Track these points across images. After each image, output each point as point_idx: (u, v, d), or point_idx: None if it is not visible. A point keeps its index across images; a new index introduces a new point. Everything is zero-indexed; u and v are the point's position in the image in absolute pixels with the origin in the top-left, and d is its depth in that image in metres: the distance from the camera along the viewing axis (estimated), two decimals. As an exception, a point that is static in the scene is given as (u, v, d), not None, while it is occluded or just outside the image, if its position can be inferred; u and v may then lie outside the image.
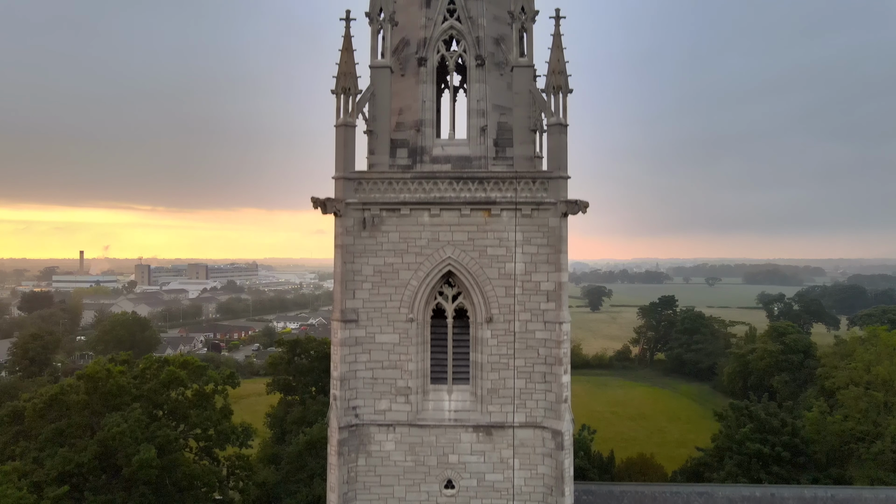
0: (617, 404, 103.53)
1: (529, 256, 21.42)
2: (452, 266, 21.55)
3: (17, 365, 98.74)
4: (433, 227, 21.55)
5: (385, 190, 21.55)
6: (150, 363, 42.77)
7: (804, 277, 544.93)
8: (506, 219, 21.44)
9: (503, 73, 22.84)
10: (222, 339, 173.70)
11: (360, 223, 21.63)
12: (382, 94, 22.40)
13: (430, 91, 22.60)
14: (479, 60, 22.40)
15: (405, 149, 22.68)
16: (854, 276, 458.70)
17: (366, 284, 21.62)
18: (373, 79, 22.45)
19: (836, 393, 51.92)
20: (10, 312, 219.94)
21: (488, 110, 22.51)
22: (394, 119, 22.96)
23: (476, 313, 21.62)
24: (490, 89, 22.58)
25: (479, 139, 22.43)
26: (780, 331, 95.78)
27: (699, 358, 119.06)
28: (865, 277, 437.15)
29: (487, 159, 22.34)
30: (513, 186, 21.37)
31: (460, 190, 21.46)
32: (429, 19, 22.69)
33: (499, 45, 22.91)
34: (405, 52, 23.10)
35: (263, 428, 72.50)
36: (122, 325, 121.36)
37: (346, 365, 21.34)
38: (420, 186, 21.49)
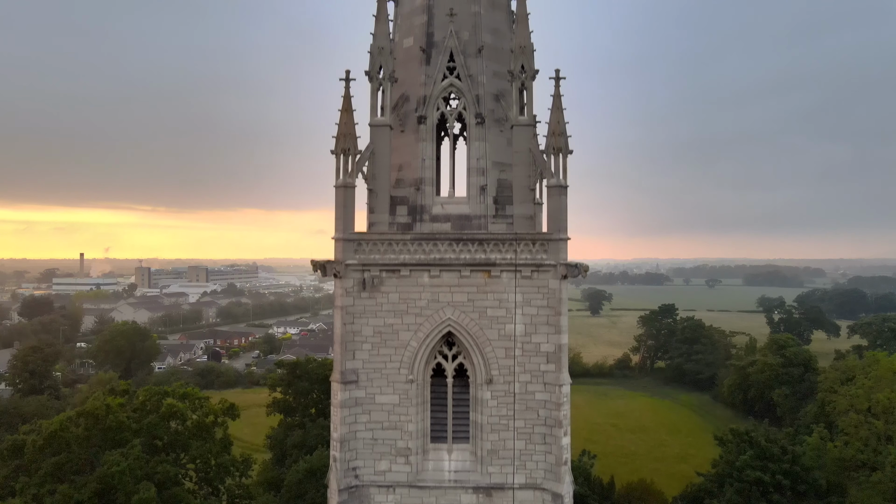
0: (617, 416, 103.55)
1: (529, 318, 21.39)
2: (452, 327, 21.52)
3: (17, 378, 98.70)
4: (433, 287, 21.53)
5: (385, 251, 21.53)
6: (151, 395, 42.77)
7: (804, 279, 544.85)
8: (506, 280, 21.41)
9: (503, 130, 22.81)
10: (223, 346, 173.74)
11: (360, 284, 21.60)
12: (382, 153, 22.39)
13: (429, 149, 22.58)
14: (479, 119, 22.38)
15: (405, 206, 22.66)
16: (854, 279, 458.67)
17: (366, 345, 21.60)
18: (372, 137, 22.43)
19: (836, 417, 51.88)
20: (11, 317, 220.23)
21: (488, 168, 22.48)
22: (393, 175, 22.93)
23: (476, 374, 21.60)
24: (490, 147, 22.56)
25: (479, 198, 22.40)
26: (780, 343, 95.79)
27: (699, 368, 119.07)
28: (866, 279, 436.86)
29: (487, 218, 22.31)
30: (513, 248, 21.34)
31: (460, 251, 21.43)
32: (428, 77, 22.66)
33: (499, 102, 22.88)
34: (405, 108, 23.07)
35: (263, 440, 72.56)
36: (123, 335, 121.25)
37: (345, 426, 21.31)
38: (420, 248, 21.47)
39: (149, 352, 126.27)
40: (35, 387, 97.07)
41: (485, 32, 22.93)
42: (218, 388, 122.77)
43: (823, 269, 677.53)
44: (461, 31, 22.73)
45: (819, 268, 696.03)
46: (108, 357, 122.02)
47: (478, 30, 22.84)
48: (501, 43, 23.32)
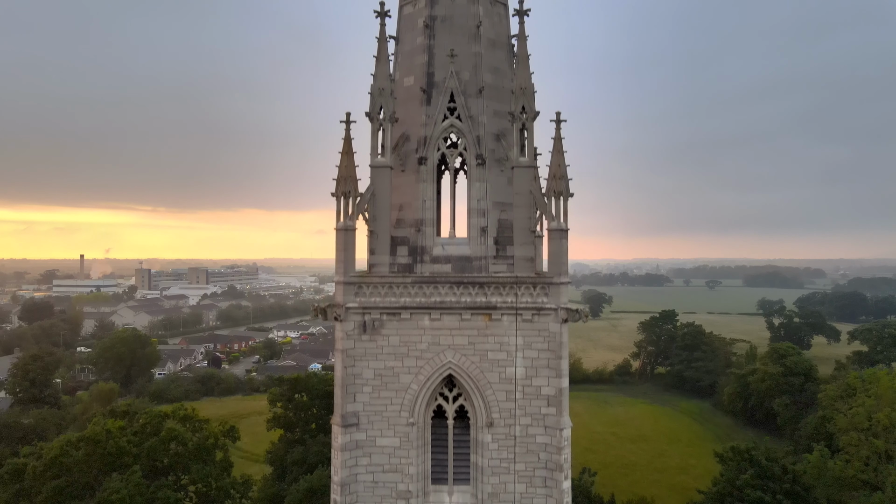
0: (617, 424, 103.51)
1: (530, 361, 21.38)
2: (453, 370, 21.50)
3: (17, 386, 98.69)
4: (434, 330, 21.51)
5: (386, 294, 21.52)
6: (151, 418, 42.75)
7: (804, 280, 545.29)
8: (506, 323, 21.40)
9: (503, 169, 22.73)
10: (223, 351, 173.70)
11: (361, 327, 21.58)
12: (382, 194, 22.35)
13: (430, 190, 22.52)
14: (480, 160, 22.33)
15: (405, 246, 22.59)
16: (854, 280, 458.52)
17: (366, 388, 21.57)
18: (373, 178, 22.40)
19: (837, 435, 51.82)
20: (11, 321, 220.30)
21: (488, 208, 22.42)
22: (394, 214, 22.86)
23: (477, 417, 21.58)
24: (491, 187, 22.49)
25: (480, 239, 22.35)
26: (780, 352, 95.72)
27: (699, 375, 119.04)
28: (866, 281, 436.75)
29: (488, 259, 22.26)
30: (513, 291, 21.34)
31: (461, 294, 21.43)
32: (429, 117, 22.62)
33: (499, 141, 22.82)
34: (405, 148, 23.01)
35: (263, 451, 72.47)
36: (123, 342, 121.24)
37: (346, 469, 21.29)
38: (421, 290, 21.46)
39: (149, 358, 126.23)
40: (35, 396, 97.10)
41: (485, 72, 22.88)
42: (218, 394, 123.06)
43: (823, 270, 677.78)
44: (462, 71, 22.70)
45: (819, 268, 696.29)
46: (108, 364, 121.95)
47: (478, 69, 22.80)
48: (502, 82, 23.27)
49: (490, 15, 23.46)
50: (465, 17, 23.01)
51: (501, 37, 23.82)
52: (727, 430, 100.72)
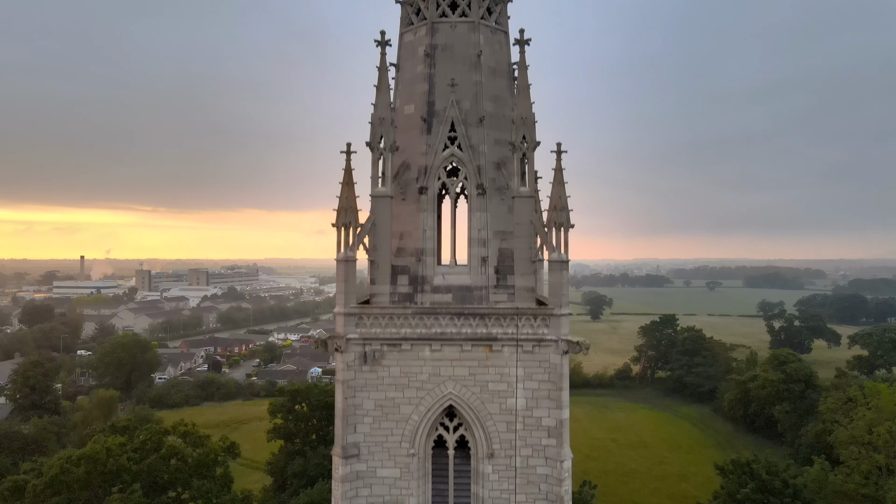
0: (617, 430, 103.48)
1: (531, 392, 21.36)
2: (454, 401, 21.49)
3: (17, 392, 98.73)
4: (434, 361, 21.50)
5: (386, 325, 21.51)
6: (151, 434, 42.74)
7: (805, 281, 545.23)
8: (507, 354, 21.39)
9: (504, 198, 22.70)
10: (223, 354, 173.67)
11: (362, 357, 21.57)
12: (383, 224, 22.33)
13: (430, 220, 22.50)
14: (480, 189, 22.31)
15: (406, 275, 22.58)
16: (854, 281, 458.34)
17: (367, 419, 21.56)
18: (373, 208, 22.40)
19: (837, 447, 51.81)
20: (11, 323, 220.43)
21: (489, 238, 22.41)
22: (394, 242, 22.84)
23: (477, 447, 21.56)
24: (491, 216, 22.48)
25: (481, 269, 22.33)
26: (780, 359, 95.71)
27: (700, 381, 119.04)
28: (866, 282, 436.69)
29: (489, 289, 22.24)
30: (514, 322, 21.33)
31: (462, 325, 21.41)
32: (429, 146, 22.60)
33: (500, 170, 22.79)
34: (406, 176, 22.99)
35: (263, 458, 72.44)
36: (123, 347, 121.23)
37: (347, 501, 21.25)
38: (421, 321, 21.45)
39: (149, 363, 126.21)
40: (36, 402, 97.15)
41: (486, 100, 22.87)
42: (218, 399, 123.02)
43: (824, 271, 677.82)
44: (462, 99, 22.68)
45: (819, 269, 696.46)
46: (108, 369, 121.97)
47: (479, 98, 22.78)
48: (503, 110, 23.27)
49: (491, 43, 23.46)
50: (465, 46, 23.00)
51: (502, 64, 23.82)
52: (727, 437, 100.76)
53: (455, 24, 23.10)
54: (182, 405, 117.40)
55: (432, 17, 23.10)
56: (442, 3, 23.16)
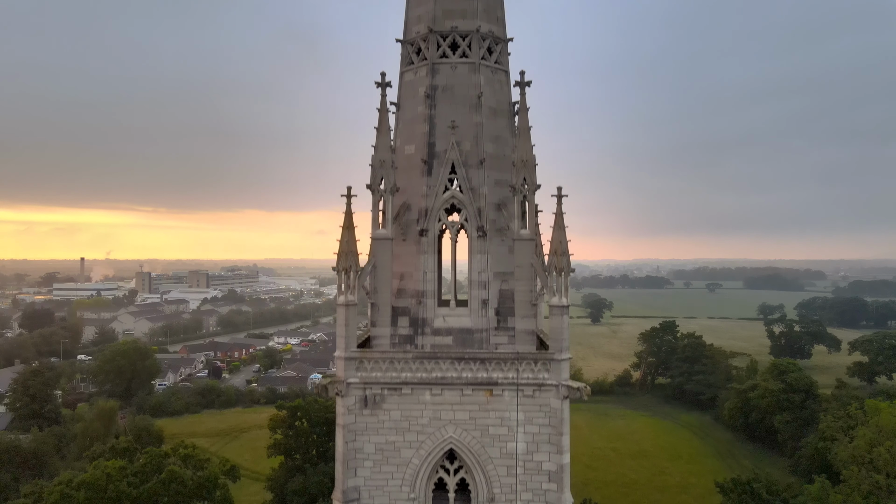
0: (618, 439, 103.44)
1: (531, 436, 21.35)
2: (454, 445, 21.47)
3: (17, 401, 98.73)
4: (435, 405, 21.49)
5: (387, 369, 21.50)
6: (151, 457, 42.72)
7: (805, 282, 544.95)
8: (508, 398, 21.39)
9: (504, 239, 22.68)
10: (223, 359, 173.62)
11: (362, 401, 21.56)
12: (383, 266, 22.35)
13: (431, 262, 22.49)
14: (481, 232, 22.30)
15: (406, 317, 22.57)
16: (855, 283, 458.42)
17: (367, 462, 21.53)
18: (373, 250, 22.43)
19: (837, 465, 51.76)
20: (11, 327, 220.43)
21: (489, 280, 22.40)
22: (395, 283, 22.83)
23: (478, 492, 21.53)
24: (492, 258, 22.46)
25: (481, 311, 22.33)
26: (781, 369, 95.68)
27: (700, 389, 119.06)
28: (866, 284, 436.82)
29: (489, 331, 22.23)
30: (514, 367, 21.33)
31: (462, 370, 21.40)
32: (430, 188, 22.59)
33: (500, 211, 22.76)
34: (406, 217, 22.97)
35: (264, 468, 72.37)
36: (123, 354, 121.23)
37: (348, 545, 21.26)
38: (422, 366, 21.44)
39: (149, 370, 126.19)
40: (36, 411, 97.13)
41: (486, 141, 22.85)
42: (218, 407, 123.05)
43: (824, 272, 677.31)
44: (463, 141, 22.67)
45: (819, 270, 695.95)
46: (108, 377, 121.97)
47: (479, 140, 22.77)
48: (503, 149, 23.25)
49: (491, 83, 23.45)
50: (466, 87, 22.98)
51: (503, 104, 23.81)
52: (728, 446, 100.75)
53: (455, 65, 23.10)
54: (182, 413, 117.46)
55: (433, 57, 23.09)
56: (442, 44, 23.16)
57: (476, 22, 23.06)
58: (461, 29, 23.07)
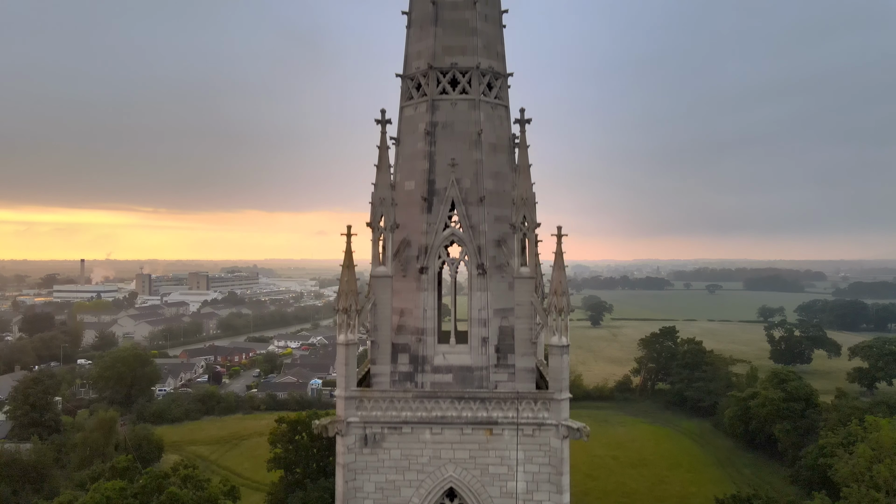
0: (618, 447, 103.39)
1: (531, 475, 21.36)
2: (454, 483, 21.49)
3: (17, 410, 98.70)
4: (435, 444, 21.50)
5: (387, 408, 21.51)
6: (152, 478, 42.72)
7: (805, 283, 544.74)
8: (507, 437, 21.40)
9: (504, 275, 22.65)
10: (223, 364, 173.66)
11: (362, 440, 21.56)
12: (383, 304, 22.35)
13: (431, 300, 22.48)
14: (481, 270, 22.28)
15: (406, 354, 22.56)
16: (855, 284, 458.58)
17: (367, 502, 21.52)
18: (373, 287, 22.44)
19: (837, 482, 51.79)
20: (11, 330, 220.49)
21: (489, 317, 22.39)
22: (395, 319, 22.82)
23: (478, 531, 21.53)
24: (492, 295, 22.45)
25: (481, 349, 22.32)
26: (781, 377, 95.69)
27: (700, 396, 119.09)
28: (866, 285, 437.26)
29: (489, 369, 22.23)
30: (514, 406, 21.34)
31: (462, 409, 21.42)
32: (430, 225, 22.58)
33: (500, 247, 22.74)
34: (406, 253, 22.95)
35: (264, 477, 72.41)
36: (123, 361, 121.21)
37: (347, 585, 21.26)
38: (422, 405, 21.46)
39: (149, 377, 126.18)
40: (36, 420, 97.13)
41: (486, 178, 22.84)
42: (218, 414, 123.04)
43: (824, 272, 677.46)
44: (463, 178, 22.65)
45: (820, 270, 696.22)
46: (108, 383, 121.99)
47: (479, 177, 22.75)
48: (503, 185, 23.24)
49: (491, 119, 23.43)
50: (465, 124, 22.97)
51: (503, 139, 23.80)
52: (728, 454, 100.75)
53: (455, 102, 23.08)
54: (182, 420, 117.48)
55: (432, 94, 23.07)
56: (442, 80, 23.14)
57: (476, 58, 23.05)
58: (461, 65, 23.06)
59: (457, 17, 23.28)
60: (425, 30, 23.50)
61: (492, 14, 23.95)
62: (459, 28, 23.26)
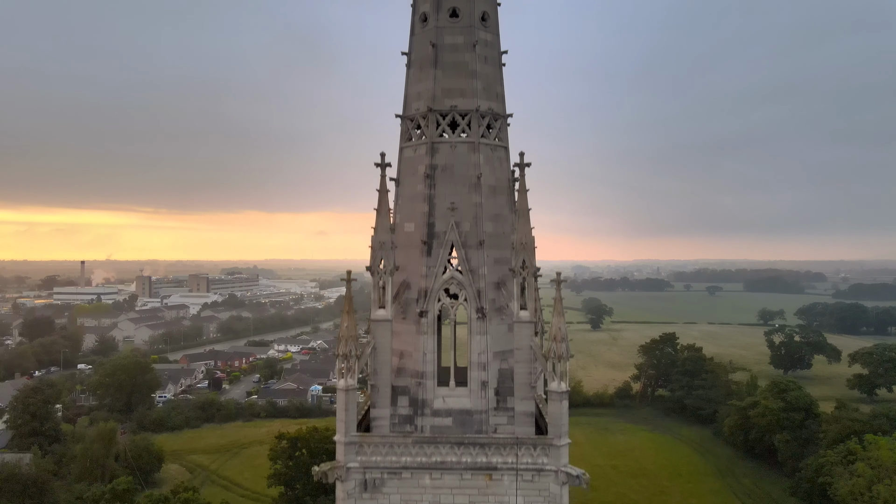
0: (618, 455, 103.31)
1: (531, 521, 21.38)
2: (454, 529, 21.52)
3: (18, 419, 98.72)
4: (434, 489, 21.55)
5: (386, 453, 21.58)
6: (151, 502, 42.79)
7: (805, 285, 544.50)
8: (507, 482, 21.45)
9: (504, 317, 22.72)
10: (223, 369, 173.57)
11: (362, 485, 21.61)
12: (383, 348, 22.41)
13: (430, 343, 22.52)
14: (480, 314, 22.33)
15: (406, 396, 22.61)
16: (855, 286, 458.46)
17: (367, 547, 21.59)
18: (373, 332, 22.49)
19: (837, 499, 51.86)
20: (12, 334, 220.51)
21: (489, 360, 22.44)
22: (395, 360, 22.88)
23: (477, 575, 21.58)
24: (491, 339, 22.50)
25: (481, 393, 22.38)
26: (781, 387, 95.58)
27: (700, 404, 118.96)
28: (866, 287, 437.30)
29: (489, 412, 22.28)
30: (514, 451, 21.40)
31: (461, 454, 21.48)
32: (429, 268, 22.63)
33: (500, 290, 22.80)
34: (406, 296, 23.01)
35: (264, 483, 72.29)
36: (123, 369, 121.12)
37: None
38: (421, 450, 21.52)
39: (149, 384, 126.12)
40: (36, 429, 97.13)
41: (486, 221, 22.88)
42: (218, 421, 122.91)
43: (824, 273, 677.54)
44: (462, 221, 22.70)
45: (820, 271, 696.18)
46: (108, 391, 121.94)
47: (479, 220, 22.79)
48: (502, 227, 23.28)
49: (491, 161, 23.47)
50: (465, 167, 23.01)
51: (502, 181, 23.83)
52: (728, 463, 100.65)
53: (455, 145, 23.13)
54: (182, 427, 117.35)
55: (432, 136, 23.11)
56: (442, 123, 23.19)
57: (475, 101, 23.09)
58: (461, 108, 23.11)
59: (456, 60, 23.34)
60: (425, 71, 23.55)
61: (491, 55, 23.99)
62: (459, 70, 23.31)
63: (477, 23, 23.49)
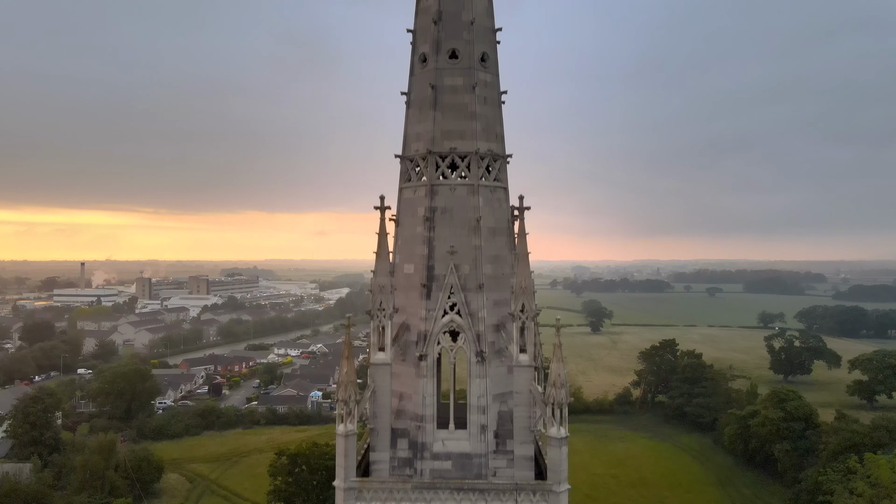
0: (618, 464, 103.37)
1: (530, 566, 21.36)
2: (453, 574, 21.51)
3: (18, 428, 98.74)
4: (434, 534, 21.50)
5: (386, 498, 21.58)
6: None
7: (805, 286, 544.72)
8: (507, 528, 21.40)
9: (503, 360, 22.69)
10: (223, 374, 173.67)
11: (361, 531, 21.58)
12: (383, 392, 22.41)
13: (430, 387, 22.51)
14: (480, 357, 22.31)
15: (406, 439, 22.60)
16: (855, 287, 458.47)
17: (366, 591, 21.58)
18: (372, 375, 22.49)
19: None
20: (11, 338, 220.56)
21: (489, 404, 22.42)
22: (394, 402, 22.87)
23: None
24: (491, 382, 22.48)
25: (480, 436, 22.36)
26: (781, 396, 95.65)
27: (700, 412, 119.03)
28: (866, 288, 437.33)
29: (488, 456, 22.24)
30: (513, 497, 21.40)
31: (461, 500, 21.48)
32: (429, 311, 22.61)
33: (499, 332, 22.78)
34: (405, 338, 22.99)
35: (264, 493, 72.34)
36: (123, 376, 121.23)
37: None
38: (421, 495, 21.52)
39: (149, 392, 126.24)
40: (36, 438, 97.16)
41: (485, 264, 22.85)
42: (218, 429, 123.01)
43: (824, 273, 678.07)
44: (462, 264, 22.68)
45: (820, 272, 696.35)
46: (108, 398, 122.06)
47: (478, 263, 22.77)
48: (502, 269, 23.25)
49: (490, 202, 23.44)
50: (465, 209, 22.98)
51: (501, 222, 23.79)
52: (728, 472, 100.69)
53: (454, 187, 23.11)
54: (182, 435, 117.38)
55: (431, 178, 23.10)
56: (441, 165, 23.18)
57: (475, 143, 23.08)
58: (460, 150, 23.09)
59: (456, 101, 23.32)
60: (424, 113, 23.54)
61: (491, 96, 23.98)
62: (458, 112, 23.30)
63: (476, 64, 23.48)
